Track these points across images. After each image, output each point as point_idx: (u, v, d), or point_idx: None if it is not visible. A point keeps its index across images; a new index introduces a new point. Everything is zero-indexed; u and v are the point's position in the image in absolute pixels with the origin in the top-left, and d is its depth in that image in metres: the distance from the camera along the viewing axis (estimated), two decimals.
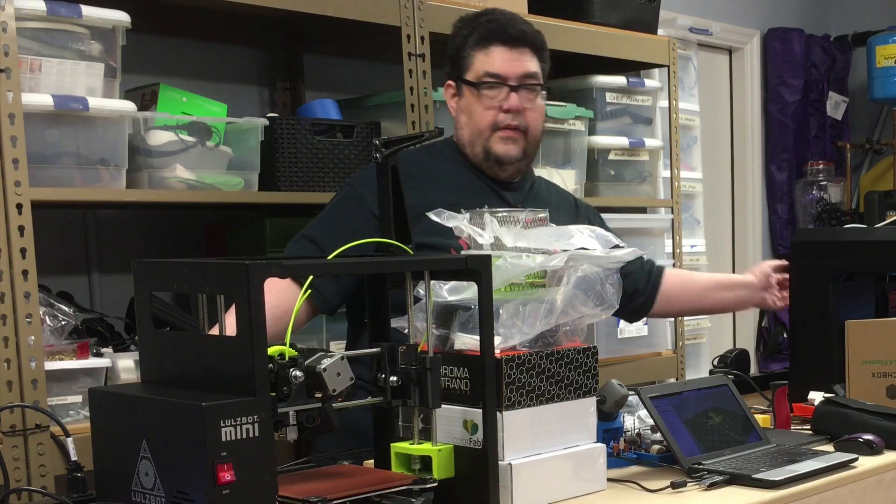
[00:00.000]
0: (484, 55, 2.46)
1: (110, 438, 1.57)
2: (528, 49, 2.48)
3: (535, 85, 2.47)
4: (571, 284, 1.81)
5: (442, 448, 1.69)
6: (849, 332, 2.46)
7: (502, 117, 2.44)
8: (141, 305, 1.66)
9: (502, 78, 2.44)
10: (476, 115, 2.46)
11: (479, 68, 2.46)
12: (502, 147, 2.45)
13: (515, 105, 2.44)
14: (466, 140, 2.49)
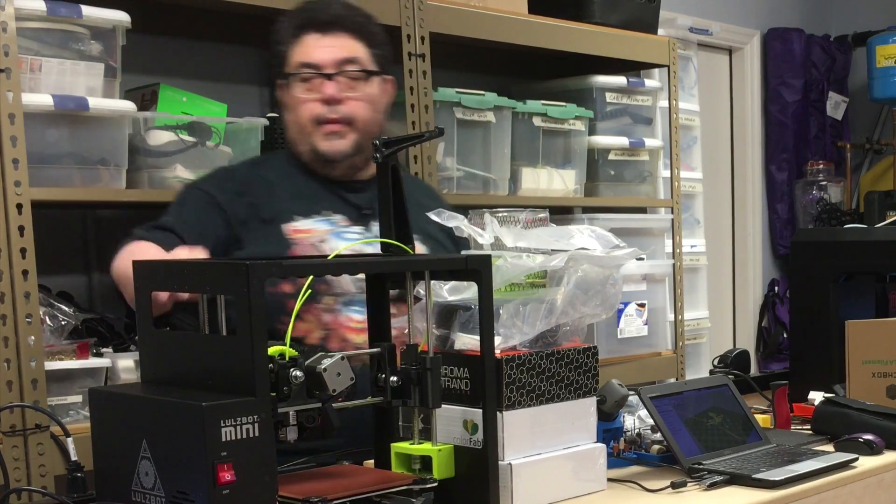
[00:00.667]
0: (297, 46, 2.30)
1: (110, 438, 1.57)
2: (346, 33, 2.30)
3: (356, 71, 2.28)
4: (571, 284, 1.81)
5: (442, 448, 1.69)
6: (849, 332, 2.46)
7: (322, 109, 2.27)
8: (141, 305, 1.66)
9: (316, 66, 2.27)
10: (296, 110, 2.30)
11: (293, 60, 2.30)
12: (327, 143, 2.28)
13: (332, 94, 2.26)
14: (294, 139, 2.34)
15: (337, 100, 2.26)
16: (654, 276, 4.00)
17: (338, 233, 2.26)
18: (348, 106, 2.27)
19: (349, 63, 2.28)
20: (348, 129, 2.27)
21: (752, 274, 5.72)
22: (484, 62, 3.84)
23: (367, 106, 2.30)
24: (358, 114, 2.28)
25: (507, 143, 3.48)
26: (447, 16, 3.24)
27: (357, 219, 2.31)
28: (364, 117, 2.29)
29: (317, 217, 2.27)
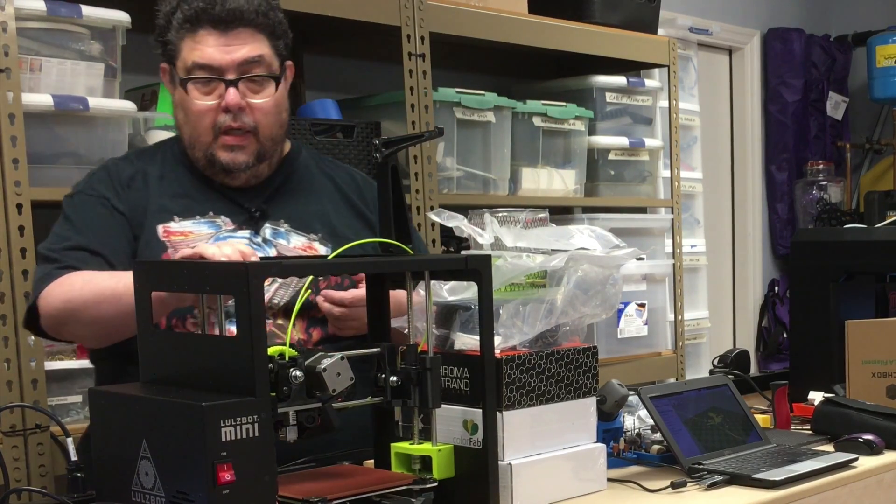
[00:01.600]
0: (191, 41, 2.02)
1: (110, 438, 1.57)
2: (248, 29, 2.02)
3: (260, 76, 2.04)
4: (571, 284, 1.81)
5: (442, 448, 1.69)
6: (849, 332, 2.46)
7: (222, 118, 2.02)
8: (141, 305, 1.66)
9: (216, 70, 2.01)
10: (191, 115, 2.04)
11: (187, 58, 2.03)
12: (228, 155, 2.04)
13: (234, 102, 2.01)
14: (186, 141, 2.08)
15: (240, 108, 2.02)
16: (654, 276, 4.01)
17: (222, 237, 2.05)
18: (252, 114, 2.03)
19: (253, 64, 2.03)
20: (251, 140, 2.04)
21: (752, 274, 5.72)
22: (484, 62, 3.85)
23: (272, 111, 2.06)
24: (262, 122, 2.04)
25: (507, 143, 3.48)
26: (447, 16, 3.24)
27: (244, 222, 2.09)
28: (269, 123, 2.05)
29: (199, 219, 2.07)
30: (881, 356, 2.42)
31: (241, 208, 2.09)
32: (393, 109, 3.18)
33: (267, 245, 2.07)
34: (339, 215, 2.16)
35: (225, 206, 2.08)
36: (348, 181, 2.22)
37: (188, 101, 2.03)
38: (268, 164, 2.10)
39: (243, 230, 2.07)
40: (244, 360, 1.46)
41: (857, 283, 2.70)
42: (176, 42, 2.04)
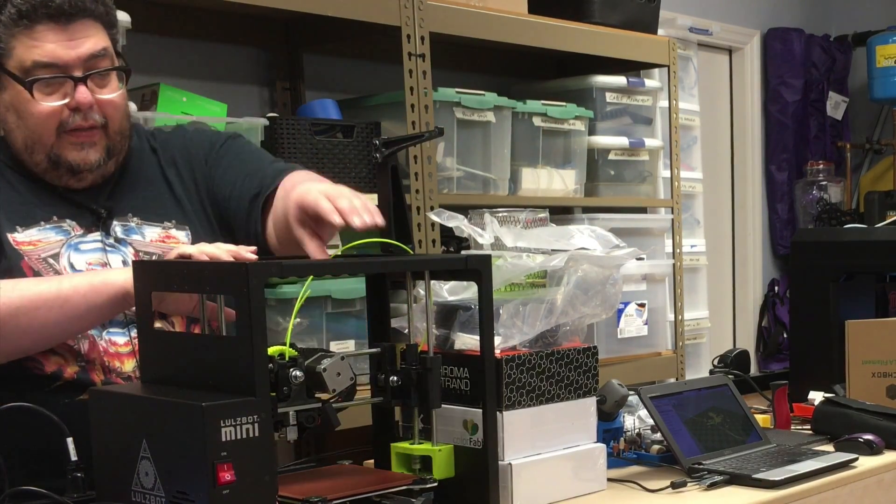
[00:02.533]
0: (28, 38, 1.83)
1: (110, 438, 1.57)
2: (88, 19, 1.86)
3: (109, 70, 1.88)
4: (571, 284, 1.81)
5: (442, 448, 1.69)
6: (849, 332, 2.46)
7: (71, 118, 1.86)
8: (141, 305, 1.66)
9: (61, 68, 1.83)
10: (31, 117, 1.85)
11: (24, 57, 1.83)
12: (77, 154, 1.87)
13: (86, 101, 1.85)
14: (21, 145, 1.88)
15: (90, 104, 1.86)
16: (654, 276, 4.01)
17: (73, 244, 1.89)
18: (102, 109, 1.88)
19: (99, 58, 1.86)
20: (101, 135, 1.89)
21: (752, 274, 5.72)
22: (484, 62, 3.85)
23: (119, 104, 1.91)
24: (112, 116, 1.89)
25: (507, 143, 3.48)
26: (447, 16, 3.24)
27: (92, 223, 1.92)
28: (116, 118, 1.90)
29: (44, 225, 1.89)
30: (881, 356, 2.42)
31: (85, 209, 1.92)
32: (393, 109, 3.18)
33: (122, 244, 1.92)
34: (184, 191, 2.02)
35: (67, 210, 1.91)
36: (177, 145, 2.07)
37: (27, 104, 1.84)
38: (115, 162, 1.94)
39: (93, 232, 1.91)
40: (244, 360, 1.46)
41: (857, 283, 2.70)
42: (6, 39, 1.83)
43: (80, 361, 1.84)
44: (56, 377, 1.83)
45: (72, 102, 1.85)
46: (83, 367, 1.84)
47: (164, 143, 2.05)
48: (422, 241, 3.13)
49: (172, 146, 2.05)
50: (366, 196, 1.73)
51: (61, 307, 1.76)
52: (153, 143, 2.05)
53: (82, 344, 1.84)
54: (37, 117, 1.85)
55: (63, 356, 1.84)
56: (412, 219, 3.11)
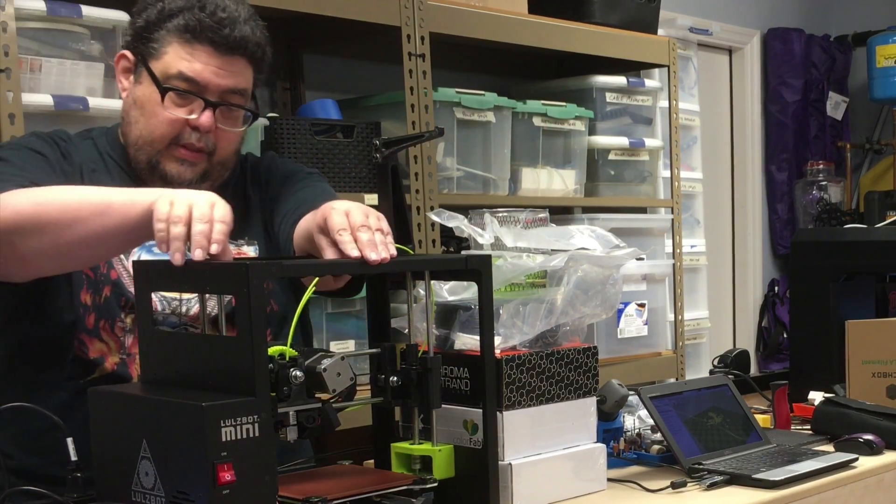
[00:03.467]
0: (183, 51, 1.90)
1: (110, 438, 1.57)
2: (244, 59, 1.94)
3: (240, 106, 1.95)
4: (571, 284, 1.81)
5: (442, 448, 1.69)
6: (849, 332, 2.46)
7: (187, 134, 1.91)
8: (141, 305, 1.66)
9: (200, 87, 1.90)
10: (154, 118, 1.91)
11: (172, 64, 1.90)
12: (177, 168, 1.92)
13: (208, 124, 1.91)
14: (132, 139, 1.94)
15: (209, 130, 1.92)
16: (654, 276, 4.01)
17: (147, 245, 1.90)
18: (217, 138, 1.94)
19: (236, 95, 1.94)
20: (204, 160, 1.95)
21: (752, 274, 5.72)
22: (484, 62, 3.85)
23: (233, 142, 1.98)
24: (223, 149, 1.96)
25: (507, 143, 3.48)
26: (447, 16, 3.24)
27: None
28: (226, 152, 1.97)
29: None
30: (881, 356, 2.42)
31: None
32: (393, 109, 3.18)
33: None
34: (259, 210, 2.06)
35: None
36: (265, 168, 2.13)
37: (156, 106, 1.91)
38: (209, 185, 1.96)
39: None
40: (244, 360, 1.46)
41: (857, 283, 2.70)
42: (163, 43, 1.90)
43: (122, 353, 1.89)
44: (96, 364, 1.87)
45: (194, 121, 1.90)
46: (123, 360, 1.88)
47: (254, 166, 2.12)
48: (422, 241, 3.13)
49: (261, 169, 2.11)
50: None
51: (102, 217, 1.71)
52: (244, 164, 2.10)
53: (127, 337, 1.88)
54: (159, 121, 1.90)
55: (108, 344, 1.89)
56: (412, 219, 3.11)
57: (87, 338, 1.88)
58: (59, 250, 1.73)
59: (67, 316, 1.87)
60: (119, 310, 1.89)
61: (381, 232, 1.66)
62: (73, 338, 1.87)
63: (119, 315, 1.89)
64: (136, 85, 1.94)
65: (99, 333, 1.88)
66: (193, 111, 1.90)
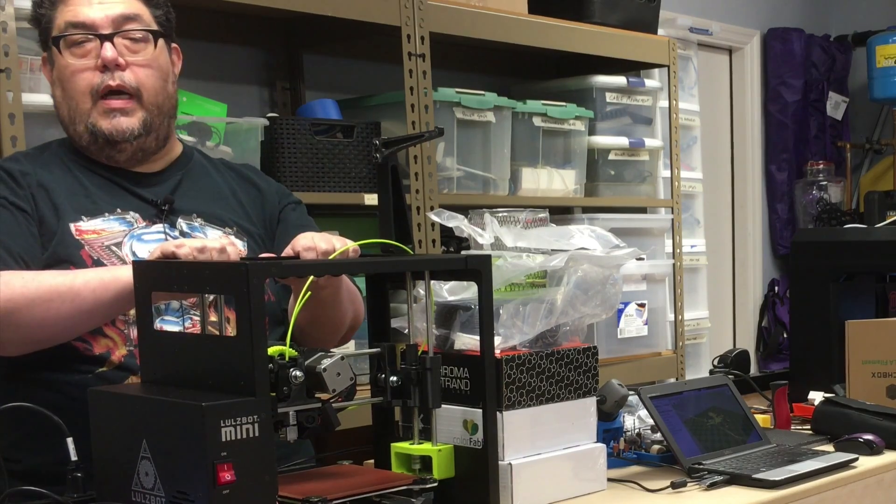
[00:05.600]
0: (63, 6, 1.93)
1: (110, 438, 1.57)
2: None
3: (139, 30, 1.93)
4: (571, 284, 1.81)
5: (442, 448, 1.69)
6: (849, 332, 2.46)
7: (99, 78, 1.90)
8: (141, 305, 1.66)
9: (89, 27, 1.90)
10: (67, 82, 1.92)
11: (59, 21, 1.92)
12: (109, 122, 1.91)
13: (111, 56, 1.89)
14: (66, 120, 1.95)
15: (118, 65, 1.90)
16: (654, 276, 4.01)
17: (137, 234, 1.96)
18: (132, 73, 1.91)
19: (130, 21, 1.93)
20: (134, 105, 1.92)
21: (752, 274, 5.72)
22: (484, 62, 3.85)
23: (154, 73, 1.94)
24: (145, 82, 1.93)
25: (507, 143, 3.48)
26: (447, 16, 3.24)
27: (155, 216, 1.99)
28: (152, 87, 1.94)
29: (108, 216, 1.95)
30: (881, 356, 2.42)
31: (147, 202, 1.98)
32: (393, 109, 3.18)
33: (185, 238, 1.97)
34: (253, 212, 2.12)
35: (130, 202, 1.97)
36: (252, 175, 2.18)
37: (64, 70, 1.92)
38: (155, 138, 1.98)
39: (156, 224, 1.98)
40: (244, 360, 1.46)
41: (857, 283, 2.70)
42: (50, 16, 1.94)
43: (129, 345, 1.90)
44: (104, 359, 1.88)
45: (98, 62, 1.90)
46: (130, 352, 1.89)
47: (237, 169, 2.17)
48: (422, 241, 3.13)
49: (249, 172, 2.17)
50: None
51: (73, 301, 1.80)
52: (223, 166, 2.15)
53: (131, 329, 1.89)
54: (69, 79, 1.91)
55: (113, 339, 1.90)
56: (412, 219, 3.11)
57: (89, 336, 1.89)
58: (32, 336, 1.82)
59: None
60: None
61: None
62: (76, 339, 1.88)
63: None
64: (52, 71, 1.96)
65: (101, 330, 1.89)
66: (96, 54, 1.91)
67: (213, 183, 2.10)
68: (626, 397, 2.03)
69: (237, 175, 2.15)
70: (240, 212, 2.08)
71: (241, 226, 2.07)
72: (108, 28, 1.92)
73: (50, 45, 1.95)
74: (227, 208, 2.07)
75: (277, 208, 2.15)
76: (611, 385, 2.01)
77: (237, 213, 2.08)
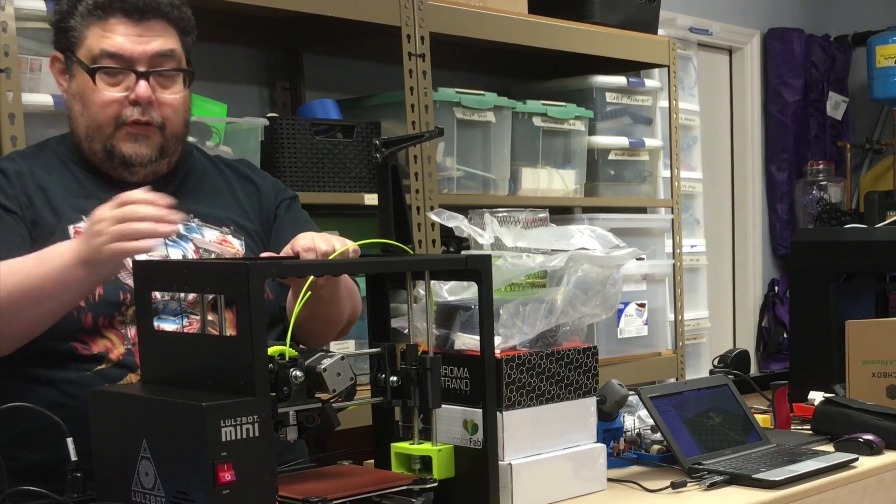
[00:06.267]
0: (100, 29, 1.92)
1: (110, 438, 1.57)
2: (162, 20, 1.95)
3: (172, 70, 1.97)
4: (571, 284, 1.81)
5: (442, 448, 1.69)
6: (849, 332, 2.46)
7: (128, 111, 1.93)
8: (141, 305, 1.66)
9: (126, 60, 1.92)
10: (93, 105, 1.93)
11: (93, 45, 1.92)
12: (131, 147, 1.94)
13: (145, 96, 1.92)
14: (82, 134, 1.97)
15: (149, 101, 1.94)
16: (654, 276, 4.00)
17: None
18: (160, 109, 1.95)
19: (165, 58, 1.95)
20: (156, 133, 1.96)
21: (752, 274, 5.72)
22: (484, 62, 3.85)
23: (178, 108, 1.99)
24: (171, 118, 1.97)
25: (507, 143, 3.48)
26: (447, 16, 3.24)
27: None
28: (175, 121, 1.99)
29: None
30: (881, 356, 2.42)
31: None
32: (393, 109, 3.18)
33: (183, 240, 1.99)
34: (250, 209, 2.12)
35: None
36: (248, 171, 2.18)
37: (91, 92, 1.93)
38: (167, 162, 2.02)
39: None
40: (244, 360, 1.46)
41: (857, 283, 2.70)
42: (80, 29, 1.93)
43: (127, 344, 1.90)
44: (102, 357, 1.88)
45: (132, 96, 1.92)
46: (129, 350, 1.89)
47: (234, 165, 2.18)
48: (422, 241, 3.13)
49: (245, 169, 2.17)
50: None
51: (38, 297, 1.78)
52: (220, 163, 2.16)
53: (128, 328, 1.89)
54: (98, 105, 1.92)
55: (111, 339, 1.90)
56: (412, 219, 3.11)
57: (87, 337, 1.89)
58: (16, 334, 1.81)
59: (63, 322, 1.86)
60: (119, 304, 1.90)
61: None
62: (74, 340, 1.88)
63: (119, 309, 1.90)
64: (71, 80, 1.96)
65: (99, 331, 1.89)
66: (128, 87, 1.92)
67: (211, 182, 2.11)
68: (626, 397, 2.03)
69: (234, 172, 2.16)
70: (237, 210, 2.09)
71: (238, 224, 2.07)
72: (144, 65, 1.93)
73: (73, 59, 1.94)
74: (224, 207, 2.07)
75: (274, 204, 2.15)
76: (611, 385, 2.01)
77: (234, 211, 2.08)
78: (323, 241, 1.82)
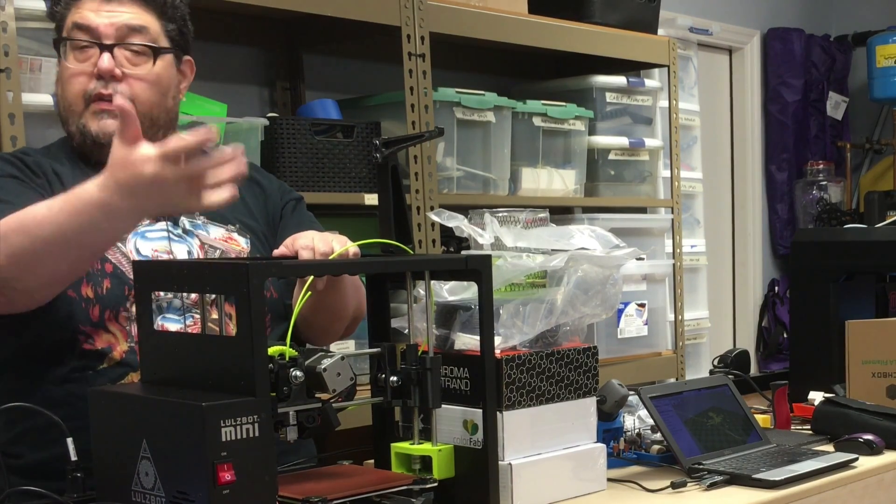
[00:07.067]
0: (75, 7, 1.93)
1: (110, 438, 1.57)
2: (136, 1, 1.94)
3: (141, 44, 1.92)
4: (571, 284, 1.81)
5: (442, 448, 1.69)
6: (849, 332, 2.46)
7: (93, 85, 1.90)
8: (141, 305, 1.66)
9: (92, 32, 1.90)
10: (67, 83, 1.93)
11: (68, 22, 1.93)
12: (96, 124, 1.90)
13: (106, 68, 1.88)
14: (63, 118, 1.96)
15: (114, 76, 1.90)
16: (654, 276, 4.01)
17: (140, 231, 1.96)
18: (128, 85, 1.91)
19: (135, 34, 1.92)
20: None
21: (752, 274, 5.72)
22: (484, 62, 3.85)
23: (150, 88, 1.93)
24: (139, 95, 1.91)
25: (507, 143, 3.48)
26: (447, 16, 3.24)
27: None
28: (147, 100, 1.92)
29: None
30: (881, 356, 2.42)
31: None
32: (393, 109, 3.18)
33: (188, 235, 2.00)
34: (255, 209, 2.12)
35: None
36: (253, 171, 2.13)
37: (63, 69, 1.92)
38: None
39: (160, 222, 1.98)
40: (244, 360, 1.46)
41: (857, 283, 2.70)
42: (63, 13, 1.94)
43: (130, 341, 1.90)
44: (104, 354, 1.88)
45: (95, 70, 1.90)
46: (132, 348, 1.89)
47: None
48: (422, 241, 3.13)
49: (251, 170, 2.09)
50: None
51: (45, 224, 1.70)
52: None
53: (132, 326, 1.89)
54: (67, 81, 1.92)
55: (115, 335, 1.90)
56: (412, 219, 3.11)
57: (92, 330, 1.89)
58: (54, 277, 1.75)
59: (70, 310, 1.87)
60: (124, 299, 1.90)
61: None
62: (79, 332, 1.88)
63: (125, 304, 1.90)
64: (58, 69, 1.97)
65: (105, 325, 1.89)
66: (95, 62, 1.90)
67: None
68: (626, 397, 2.03)
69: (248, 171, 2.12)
70: (243, 209, 2.09)
71: (243, 223, 2.08)
72: (111, 38, 1.91)
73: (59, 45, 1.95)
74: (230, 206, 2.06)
75: (280, 205, 2.16)
76: (611, 385, 2.01)
77: (240, 210, 2.08)
78: (322, 241, 1.81)
